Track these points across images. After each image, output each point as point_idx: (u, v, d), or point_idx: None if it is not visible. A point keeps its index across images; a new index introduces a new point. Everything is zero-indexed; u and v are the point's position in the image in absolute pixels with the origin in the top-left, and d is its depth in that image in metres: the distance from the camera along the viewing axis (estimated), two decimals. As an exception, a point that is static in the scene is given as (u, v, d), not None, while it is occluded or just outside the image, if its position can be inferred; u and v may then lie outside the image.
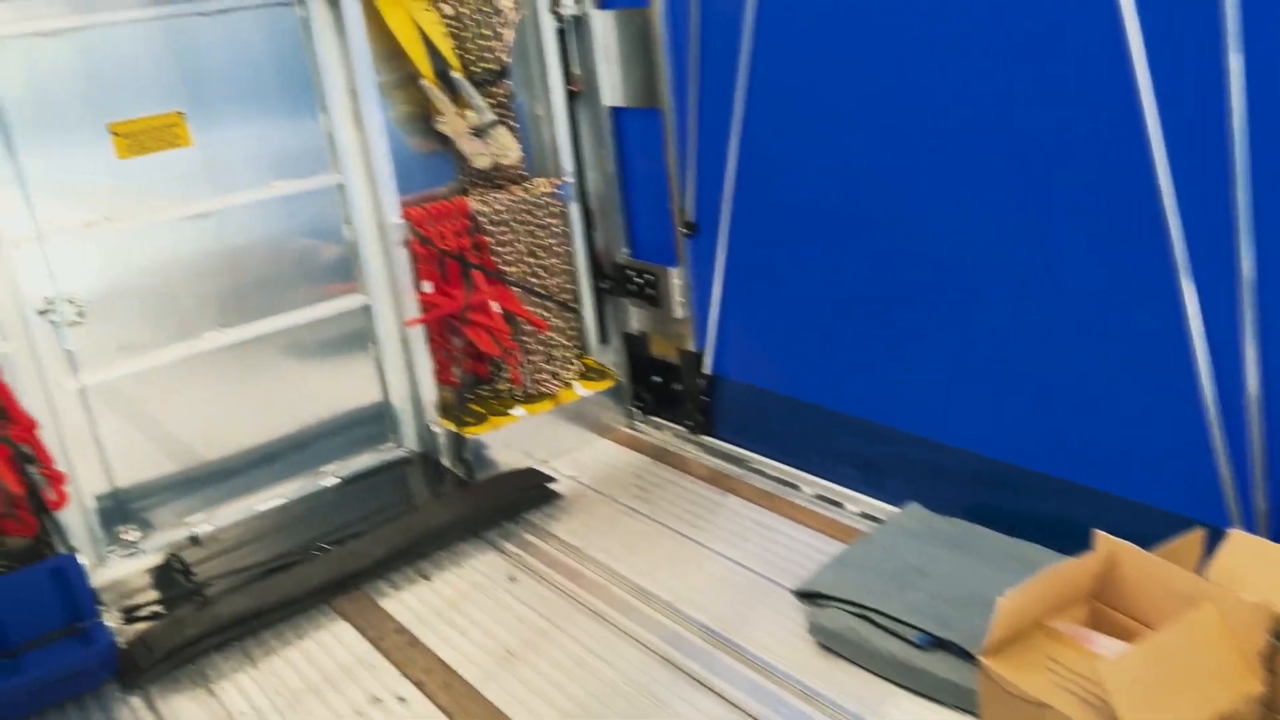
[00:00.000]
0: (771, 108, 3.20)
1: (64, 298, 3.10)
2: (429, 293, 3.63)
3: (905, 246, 2.97)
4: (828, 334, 3.31)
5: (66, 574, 2.80)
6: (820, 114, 3.06)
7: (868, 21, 2.86)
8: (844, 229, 3.13)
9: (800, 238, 3.27)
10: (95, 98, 3.05)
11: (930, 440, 3.07)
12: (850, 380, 3.27)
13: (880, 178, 2.97)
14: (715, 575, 3.05)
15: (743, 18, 3.14)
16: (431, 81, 3.50)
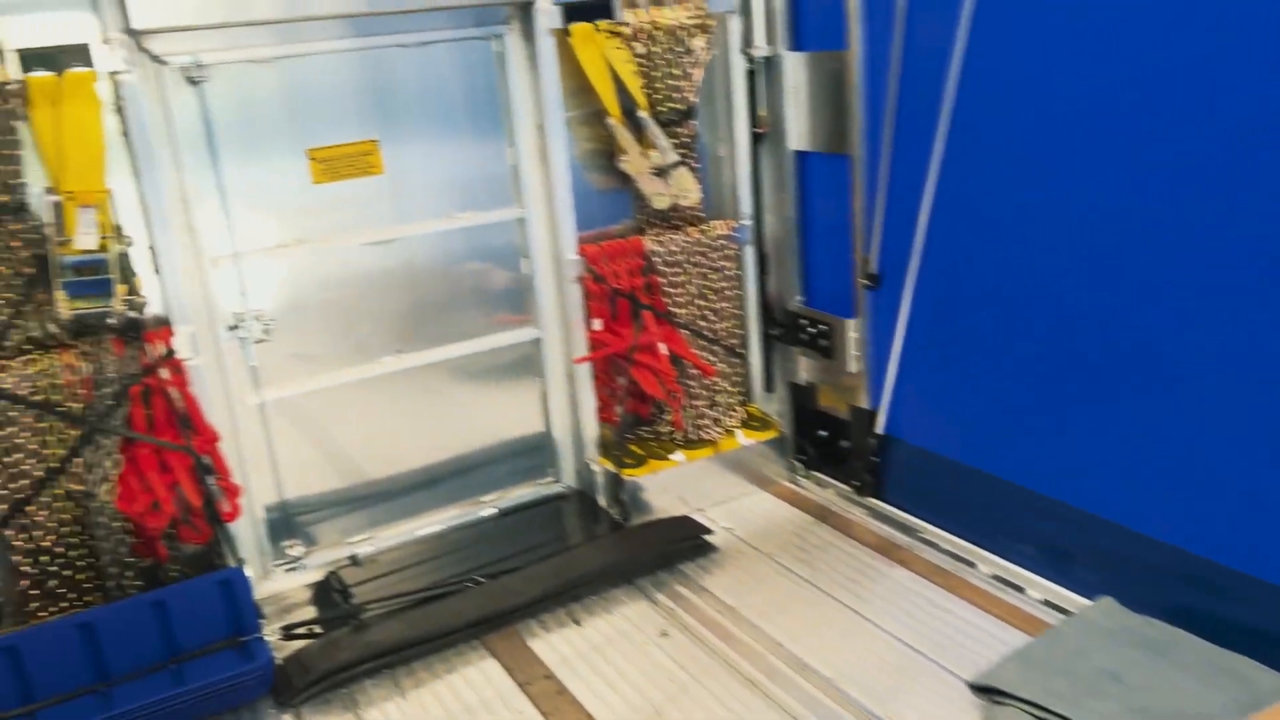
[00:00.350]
0: (974, 160, 3.02)
1: (253, 315, 3.20)
2: (598, 330, 3.59)
3: (1114, 314, 2.74)
4: (1019, 403, 3.08)
5: (234, 587, 2.86)
6: (1029, 168, 2.87)
7: (1086, 76, 2.66)
8: (1046, 290, 2.91)
9: (996, 297, 3.06)
10: (296, 124, 3.15)
11: (1129, 529, 2.81)
12: (1041, 455, 3.03)
13: (1091, 239, 2.75)
14: (878, 652, 2.87)
15: (948, 66, 2.97)
16: (618, 119, 3.47)
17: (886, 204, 3.35)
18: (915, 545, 3.40)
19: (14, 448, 2.76)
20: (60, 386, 2.78)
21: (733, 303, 3.81)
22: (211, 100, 3.02)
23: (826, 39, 3.47)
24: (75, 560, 2.90)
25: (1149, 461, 2.73)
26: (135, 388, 2.88)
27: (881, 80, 3.25)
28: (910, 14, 3.10)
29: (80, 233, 2.72)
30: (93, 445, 2.83)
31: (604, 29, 3.37)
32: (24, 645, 2.65)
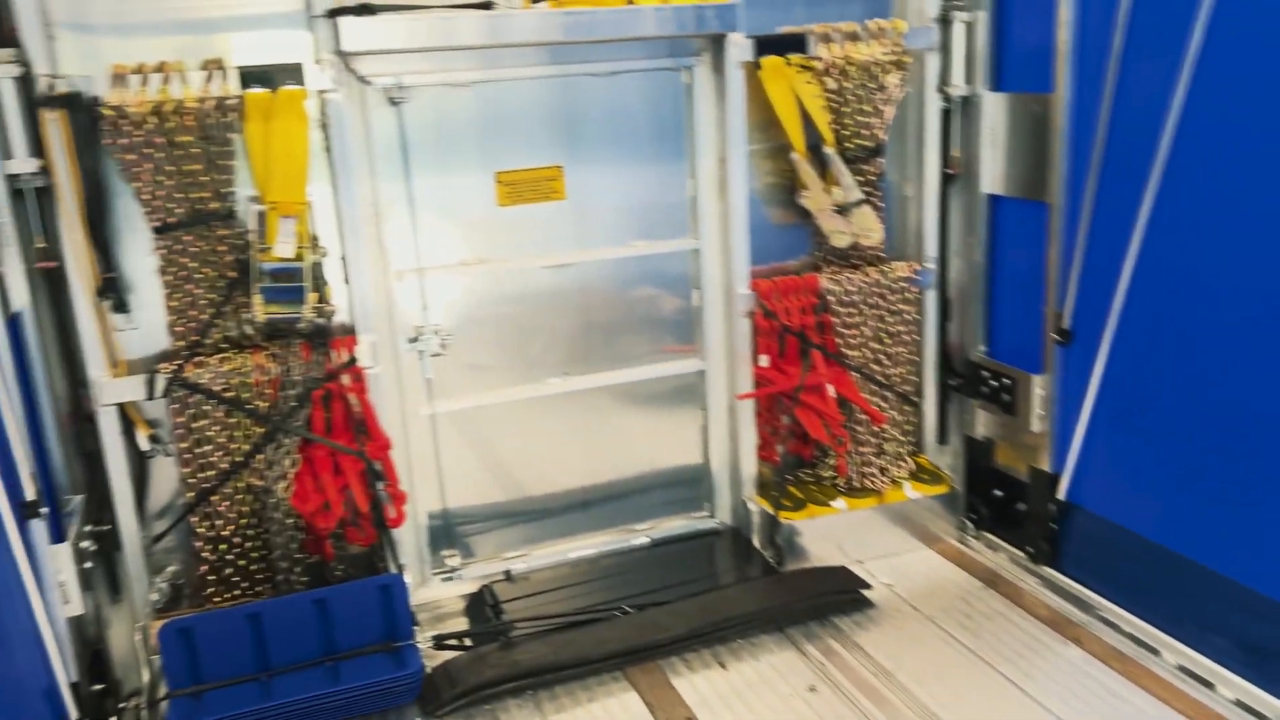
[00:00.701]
0: (1186, 217, 2.79)
1: (432, 329, 3.30)
2: (764, 367, 3.52)
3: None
4: (1218, 481, 2.81)
5: (393, 592, 2.94)
6: (1248, 231, 2.63)
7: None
8: (1258, 364, 2.65)
9: (1201, 365, 2.82)
10: (486, 146, 3.24)
11: None
12: (1241, 541, 2.75)
13: None
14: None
15: (1165, 116, 2.76)
16: (802, 154, 3.40)
17: (1085, 256, 3.14)
18: (1092, 623, 3.16)
19: (204, 439, 2.94)
20: (250, 385, 2.94)
21: (909, 348, 3.67)
22: (409, 120, 3.14)
23: (1030, 80, 3.30)
24: (250, 551, 3.05)
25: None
26: (318, 391, 3.01)
27: (1088, 126, 3.06)
28: (1125, 58, 2.91)
29: (280, 241, 2.87)
30: (274, 443, 2.98)
31: (795, 63, 3.32)
32: (199, 629, 2.79)
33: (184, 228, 2.84)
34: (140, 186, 2.78)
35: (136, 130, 2.72)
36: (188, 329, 2.93)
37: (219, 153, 2.83)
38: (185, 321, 2.92)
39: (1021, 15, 3.33)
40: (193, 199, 2.83)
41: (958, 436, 3.84)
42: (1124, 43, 2.90)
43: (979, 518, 3.76)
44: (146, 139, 2.73)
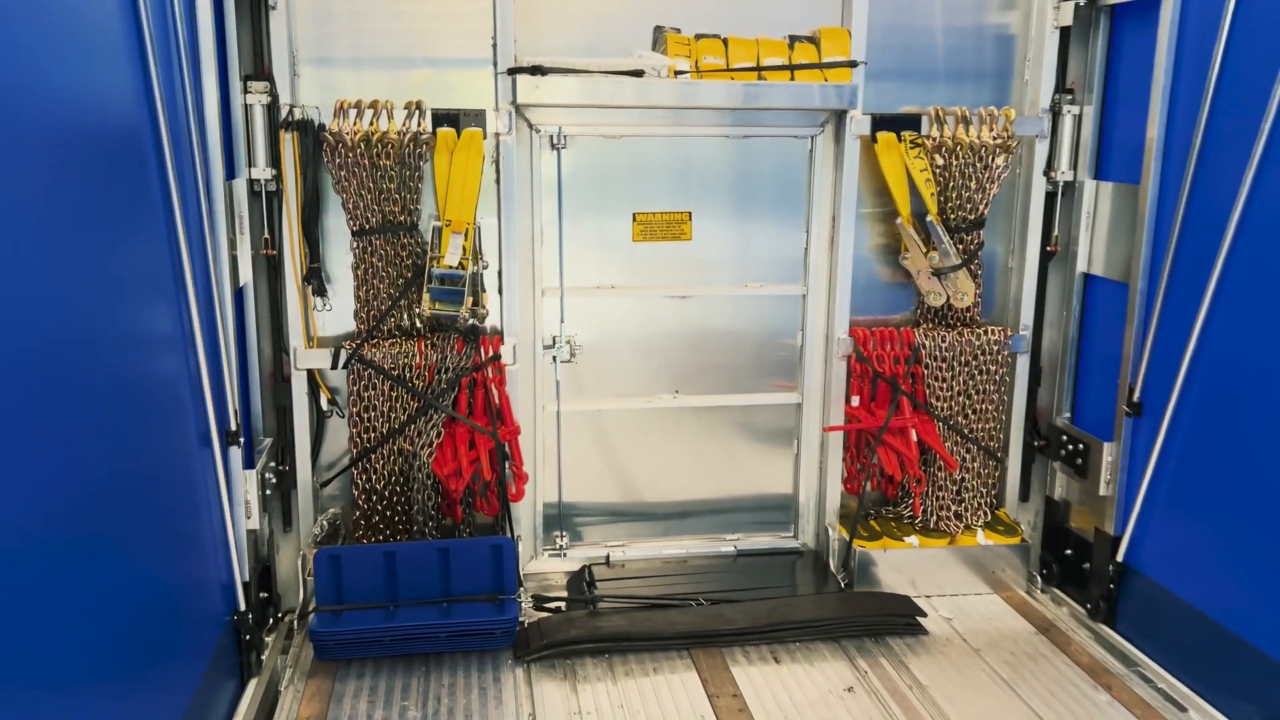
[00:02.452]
0: (1249, 306, 3.03)
1: (566, 339, 3.87)
2: (855, 407, 3.90)
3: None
4: (1261, 558, 3.00)
5: (503, 552, 3.48)
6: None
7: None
8: None
9: (1252, 446, 3.03)
10: (628, 190, 3.80)
11: None
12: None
13: None
14: (1053, 762, 2.93)
15: (1233, 208, 3.03)
16: (907, 222, 3.80)
17: (1156, 335, 3.40)
18: (1128, 676, 3.37)
19: (370, 406, 3.59)
20: (412, 367, 3.58)
21: (996, 406, 3.97)
22: (567, 163, 3.74)
23: (1125, 171, 3.60)
24: (396, 504, 3.67)
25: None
26: (465, 379, 3.62)
27: (1169, 216, 3.34)
28: (1202, 157, 3.19)
29: (449, 252, 3.50)
30: (425, 417, 3.60)
31: (907, 139, 3.73)
32: (345, 558, 3.42)
33: (376, 234, 3.52)
34: (346, 197, 3.48)
35: (349, 153, 3.41)
36: (369, 316, 3.60)
37: (410, 176, 3.49)
38: (367, 309, 3.59)
39: (1123, 111, 3.64)
40: (385, 211, 3.50)
41: (1039, 495, 4.10)
42: (1202, 142, 3.19)
43: (1049, 573, 4.00)
44: (356, 160, 3.43)
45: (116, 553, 2.27)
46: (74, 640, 2.00)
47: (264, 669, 3.28)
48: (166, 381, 2.68)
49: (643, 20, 3.64)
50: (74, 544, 2.03)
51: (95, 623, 2.12)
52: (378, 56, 3.52)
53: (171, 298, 2.69)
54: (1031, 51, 3.83)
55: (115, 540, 2.27)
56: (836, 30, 3.68)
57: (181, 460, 2.79)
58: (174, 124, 2.63)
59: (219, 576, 3.08)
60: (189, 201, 2.76)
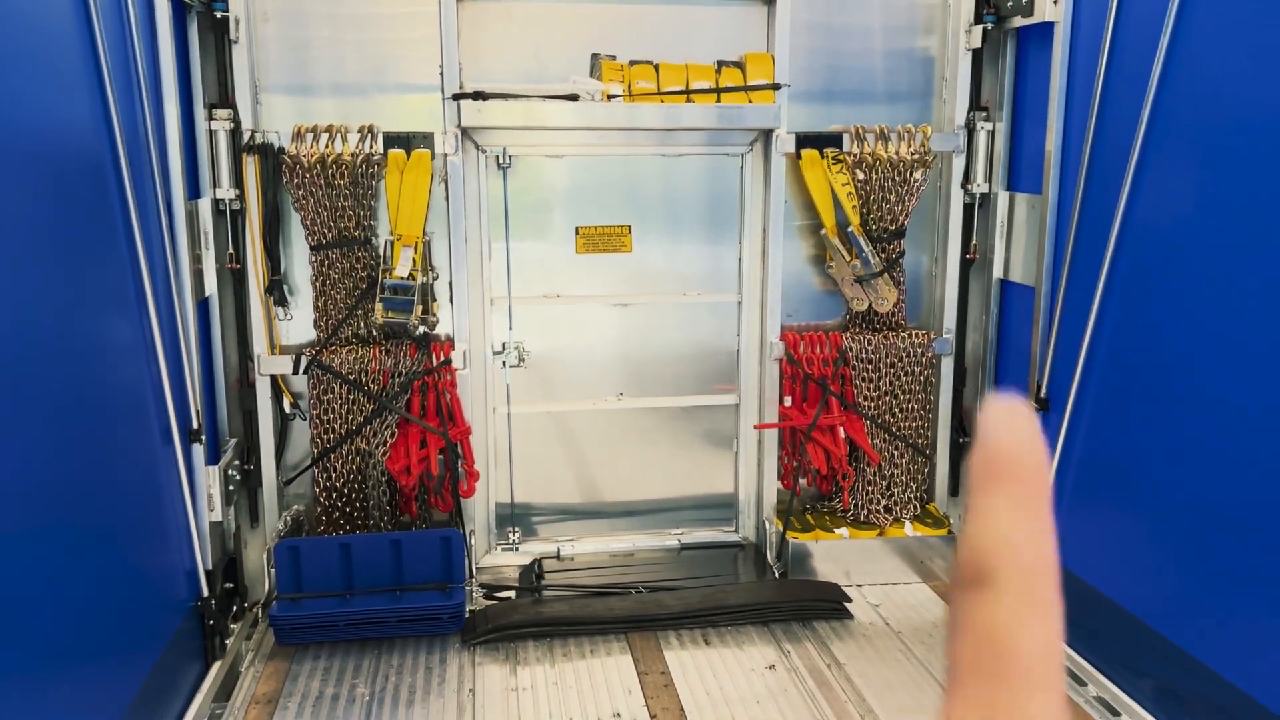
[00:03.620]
0: (1129, 296, 3.27)
1: (514, 345, 4.13)
2: (787, 407, 4.15)
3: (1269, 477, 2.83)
4: (1156, 543, 3.22)
5: (451, 544, 3.73)
6: (1187, 318, 3.08)
7: (1239, 232, 2.89)
8: (1209, 435, 3.03)
9: (1145, 433, 3.25)
10: (570, 205, 4.07)
11: (1248, 695, 2.85)
12: (1172, 599, 3.13)
13: (1253, 383, 2.88)
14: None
15: (1115, 214, 3.28)
16: (831, 233, 4.05)
17: (1059, 334, 3.65)
18: (1036, 655, 3.59)
19: (329, 409, 3.85)
20: (368, 371, 3.84)
21: (923, 405, 4.21)
22: (512, 181, 4.01)
23: (1030, 183, 3.85)
24: (354, 500, 3.93)
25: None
26: (417, 383, 3.88)
27: (1065, 223, 3.59)
28: (1091, 164, 3.44)
29: (400, 264, 3.77)
30: (380, 418, 3.86)
31: (830, 155, 3.99)
32: (303, 549, 3.67)
33: (333, 248, 3.79)
34: (304, 215, 3.75)
35: (306, 173, 3.69)
36: (327, 324, 3.86)
37: (364, 194, 3.77)
38: (326, 318, 3.86)
39: (1029, 126, 3.89)
40: (341, 227, 3.78)
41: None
42: (1090, 154, 3.44)
43: (976, 564, 4.22)
44: (313, 180, 3.70)
45: (78, 540, 2.53)
46: (36, 620, 2.27)
47: (228, 653, 3.53)
48: (129, 385, 2.95)
49: (580, 49, 3.91)
50: (37, 533, 2.29)
51: (56, 604, 2.38)
52: (334, 83, 3.80)
53: (133, 309, 2.96)
54: (948, 72, 4.09)
55: (77, 529, 2.53)
56: (761, 55, 3.96)
57: (144, 457, 3.06)
58: (133, 149, 2.91)
59: (183, 565, 3.33)
60: (149, 220, 3.04)
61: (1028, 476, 0.41)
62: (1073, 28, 3.55)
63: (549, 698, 3.32)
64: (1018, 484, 0.40)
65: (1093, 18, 3.46)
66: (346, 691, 3.34)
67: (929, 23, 4.10)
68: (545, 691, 3.36)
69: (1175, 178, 3.09)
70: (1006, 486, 0.40)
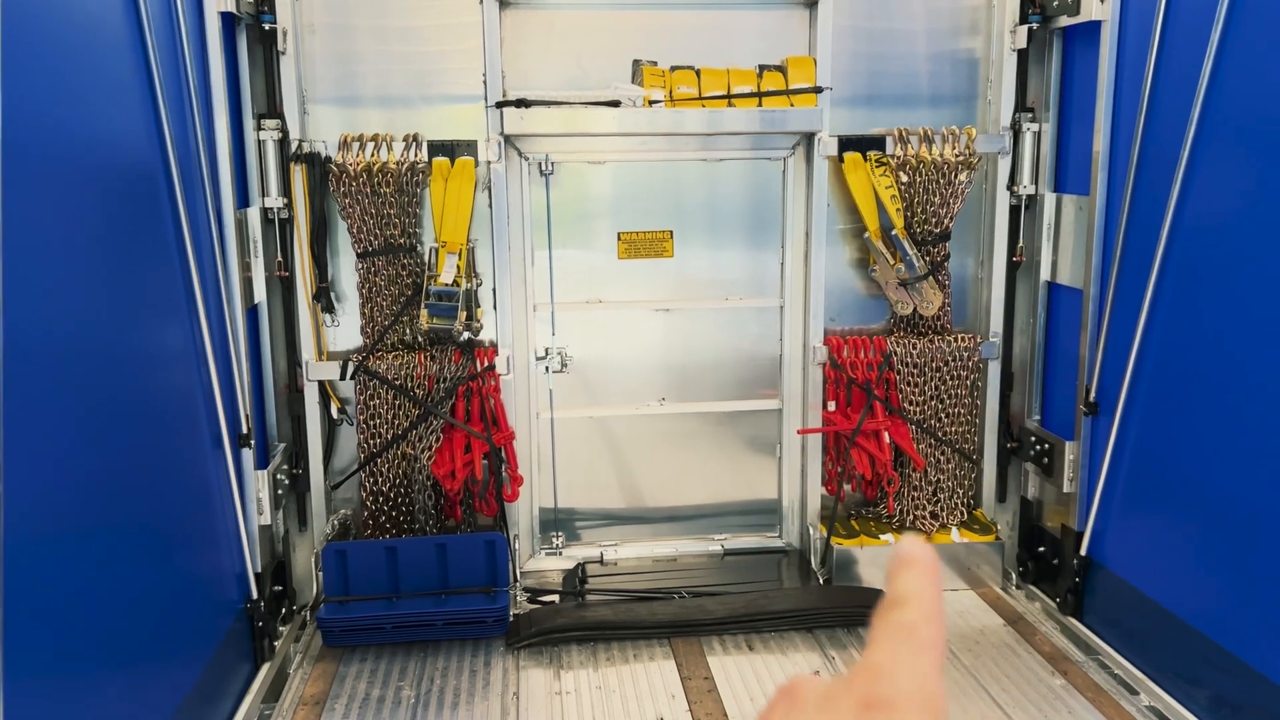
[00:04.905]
0: (1184, 305, 3.21)
1: (557, 351, 4.15)
2: (831, 411, 4.12)
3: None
4: (1208, 548, 3.16)
5: (495, 548, 3.76)
6: (1239, 318, 3.01)
7: (1276, 237, 2.83)
8: (1243, 443, 2.99)
9: (1194, 440, 3.19)
10: (612, 211, 4.09)
11: None
12: (1226, 607, 3.07)
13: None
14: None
15: (1164, 216, 3.22)
16: (874, 236, 4.03)
17: (1108, 337, 3.59)
18: (1086, 663, 3.53)
19: (375, 414, 3.90)
20: (413, 377, 3.88)
21: (969, 410, 4.16)
22: (554, 187, 4.04)
23: (1078, 184, 3.80)
24: (400, 504, 3.97)
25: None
26: (462, 388, 3.92)
27: (1114, 224, 3.54)
28: (1140, 164, 3.39)
29: (444, 270, 3.81)
30: (426, 423, 3.90)
31: (873, 159, 3.97)
32: (350, 552, 3.72)
33: (378, 255, 3.84)
34: (351, 222, 3.81)
35: (353, 182, 3.75)
36: (373, 330, 3.91)
37: (409, 202, 3.81)
38: (372, 325, 3.91)
39: (1077, 127, 3.84)
40: (386, 235, 3.83)
41: (1015, 496, 4.28)
42: (1139, 154, 3.38)
43: (1025, 570, 4.17)
44: (359, 189, 3.76)
45: (132, 542, 2.59)
46: (94, 619, 2.32)
47: (277, 655, 3.59)
48: (181, 390, 3.02)
49: (622, 55, 3.93)
50: (94, 535, 2.35)
51: (113, 604, 2.44)
52: (379, 95, 3.85)
53: (184, 316, 3.03)
54: (993, 74, 4.05)
55: (132, 531, 2.59)
56: (803, 59, 3.94)
57: (196, 461, 3.12)
58: (185, 159, 2.98)
59: (233, 568, 3.39)
60: (200, 229, 3.10)
61: (924, 564, 0.67)
62: (1120, 26, 3.50)
63: (593, 702, 3.33)
64: (918, 566, 0.66)
65: (1141, 16, 3.40)
66: (393, 694, 3.37)
67: (973, 24, 4.06)
68: (589, 695, 3.36)
69: (1226, 178, 3.03)
70: (912, 568, 0.66)
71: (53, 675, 2.10)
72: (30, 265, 2.03)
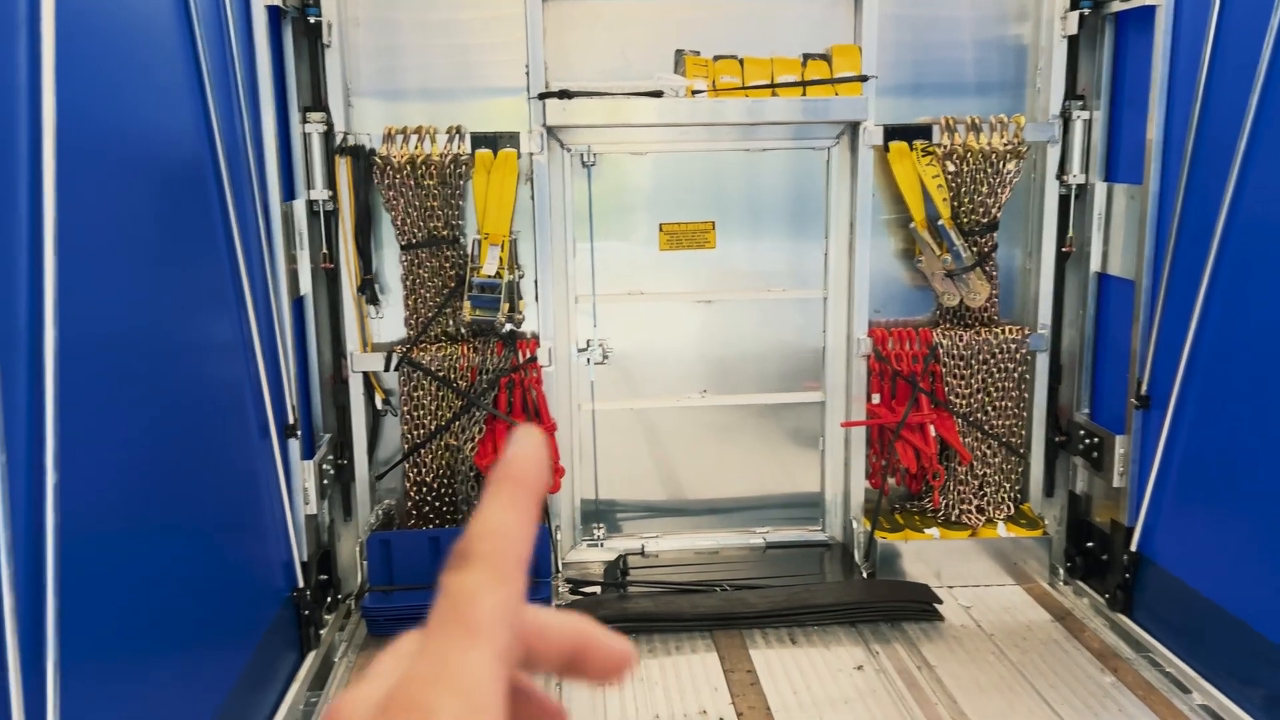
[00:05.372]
0: (1238, 297, 3.13)
1: (598, 342, 4.15)
2: (875, 404, 4.08)
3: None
4: (1262, 544, 3.09)
5: (536, 538, 3.76)
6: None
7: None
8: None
9: (1250, 435, 3.12)
10: (654, 202, 4.08)
11: None
12: None
13: None
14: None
15: (1220, 205, 3.15)
16: (920, 226, 3.97)
17: (1160, 329, 3.52)
18: (1137, 661, 3.47)
19: (419, 405, 3.92)
20: (456, 369, 3.90)
21: (1016, 403, 4.10)
22: (596, 178, 4.03)
23: (1130, 173, 3.72)
24: (443, 494, 4.00)
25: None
26: (504, 379, 3.92)
27: (1168, 214, 3.46)
28: (1195, 153, 3.31)
29: (487, 262, 3.82)
30: (469, 414, 3.92)
31: (919, 148, 3.92)
32: (394, 542, 3.75)
33: (422, 247, 3.86)
34: (395, 214, 3.82)
35: (396, 174, 3.76)
36: (417, 322, 3.93)
37: (452, 194, 3.82)
38: (416, 316, 3.93)
39: (1129, 115, 3.76)
40: (430, 227, 3.84)
41: (1063, 490, 4.21)
42: (1194, 142, 3.31)
43: (1073, 566, 4.10)
44: (403, 181, 3.77)
45: (182, 531, 2.63)
46: (144, 606, 2.36)
47: (322, 643, 3.62)
48: (229, 381, 3.05)
49: (665, 45, 3.91)
50: (144, 524, 2.38)
51: (162, 591, 2.47)
52: (422, 88, 3.87)
53: (232, 308, 3.06)
54: (1042, 60, 3.98)
55: (181, 520, 2.62)
56: (848, 47, 3.90)
57: (243, 451, 3.16)
58: (232, 152, 3.00)
59: (279, 557, 3.43)
60: (248, 222, 3.13)
61: (525, 480, 0.53)
62: (1176, 10, 3.42)
63: (635, 693, 3.33)
64: (516, 485, 0.52)
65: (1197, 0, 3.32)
66: (436, 683, 3.39)
67: (1021, 10, 3.99)
68: (631, 687, 3.36)
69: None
70: (508, 486, 0.52)
71: (108, 659, 2.13)
72: (84, 259, 2.06)
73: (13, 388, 1.76)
